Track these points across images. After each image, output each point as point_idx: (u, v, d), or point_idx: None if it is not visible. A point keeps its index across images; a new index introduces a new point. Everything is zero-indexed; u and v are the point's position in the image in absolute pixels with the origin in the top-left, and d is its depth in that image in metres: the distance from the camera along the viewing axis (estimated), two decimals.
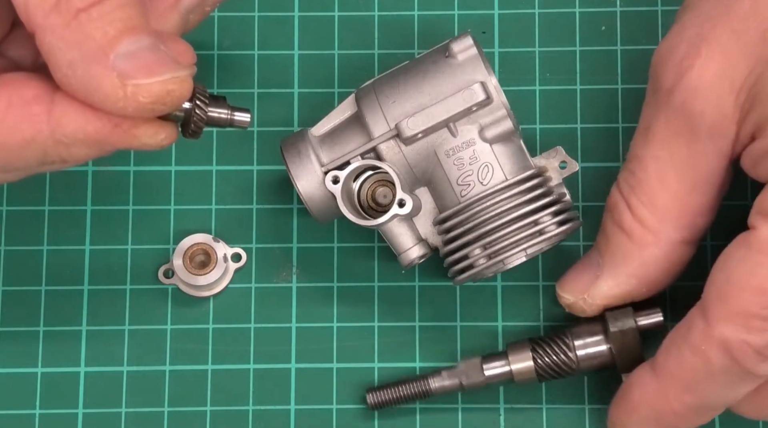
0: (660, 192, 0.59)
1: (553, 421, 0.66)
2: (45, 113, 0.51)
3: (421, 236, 0.63)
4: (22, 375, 0.67)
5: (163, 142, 0.53)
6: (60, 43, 0.50)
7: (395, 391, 0.65)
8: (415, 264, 0.63)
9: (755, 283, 0.55)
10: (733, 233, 0.67)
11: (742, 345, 0.55)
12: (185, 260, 0.66)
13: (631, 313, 0.62)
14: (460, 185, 0.61)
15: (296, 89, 0.69)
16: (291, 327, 0.67)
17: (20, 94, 0.51)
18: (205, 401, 0.66)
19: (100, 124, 0.51)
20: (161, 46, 0.50)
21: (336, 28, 0.70)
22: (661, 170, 0.58)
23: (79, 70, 0.50)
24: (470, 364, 0.64)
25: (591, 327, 0.64)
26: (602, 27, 0.69)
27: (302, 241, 0.68)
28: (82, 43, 0.49)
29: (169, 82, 0.50)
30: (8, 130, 0.51)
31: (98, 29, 0.49)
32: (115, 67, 0.49)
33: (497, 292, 0.67)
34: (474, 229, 0.60)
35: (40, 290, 0.67)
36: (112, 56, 0.49)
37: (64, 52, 0.50)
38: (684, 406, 0.58)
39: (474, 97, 0.60)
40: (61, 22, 0.50)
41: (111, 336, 0.67)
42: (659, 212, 0.59)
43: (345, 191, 0.61)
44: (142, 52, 0.50)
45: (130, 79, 0.49)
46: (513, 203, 0.60)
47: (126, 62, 0.49)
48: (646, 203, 0.59)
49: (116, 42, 0.49)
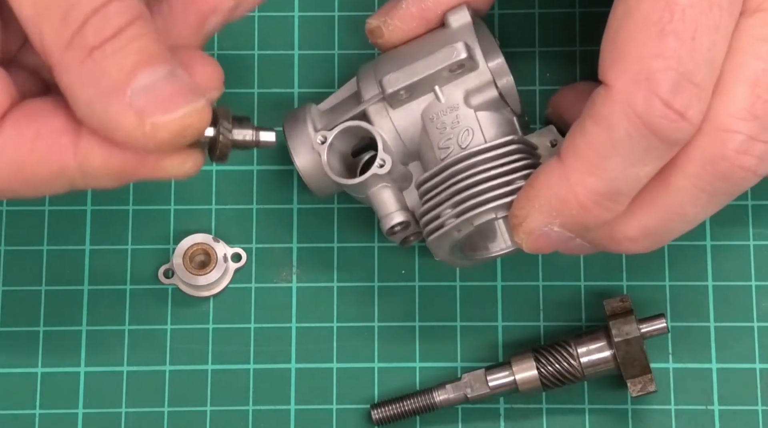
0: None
1: (553, 422, 0.66)
2: (72, 146, 0.51)
3: (407, 207, 0.62)
4: (22, 375, 0.67)
5: (190, 170, 0.52)
6: (77, 81, 0.49)
7: (399, 406, 0.65)
8: (397, 233, 0.62)
9: (654, 31, 0.52)
10: (732, 233, 0.67)
11: (648, 100, 0.52)
12: (185, 260, 0.66)
13: (635, 321, 0.62)
14: (440, 148, 0.60)
15: (296, 89, 0.69)
16: (291, 327, 0.67)
17: (49, 126, 0.51)
18: (205, 401, 0.66)
19: (126, 159, 0.51)
20: (179, 71, 0.50)
21: (336, 28, 0.70)
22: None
23: (98, 108, 0.49)
24: (474, 376, 0.64)
25: (594, 335, 0.64)
26: (602, 27, 0.69)
27: (302, 241, 0.68)
28: (98, 80, 0.49)
29: (186, 116, 0.49)
30: (37, 162, 0.51)
31: (113, 65, 0.49)
32: (133, 104, 0.49)
33: (497, 292, 0.67)
34: (447, 189, 0.59)
35: (40, 290, 0.67)
36: (129, 92, 0.49)
37: (82, 90, 0.49)
38: (587, 190, 0.54)
39: (455, 54, 0.59)
40: (76, 61, 0.49)
41: (111, 336, 0.67)
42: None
43: (338, 159, 0.61)
44: (159, 85, 0.49)
45: (148, 116, 0.49)
46: (488, 165, 0.59)
47: (143, 98, 0.49)
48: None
49: (132, 76, 0.49)
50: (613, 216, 0.55)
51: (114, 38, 0.48)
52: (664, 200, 0.55)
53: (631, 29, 0.53)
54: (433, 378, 0.66)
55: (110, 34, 0.48)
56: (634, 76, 0.52)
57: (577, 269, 0.67)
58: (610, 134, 0.53)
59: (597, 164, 0.54)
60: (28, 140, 0.51)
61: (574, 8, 0.70)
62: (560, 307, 0.67)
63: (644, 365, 0.62)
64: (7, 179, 0.51)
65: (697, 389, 0.66)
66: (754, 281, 0.67)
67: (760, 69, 0.54)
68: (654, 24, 0.52)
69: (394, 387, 0.66)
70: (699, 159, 0.54)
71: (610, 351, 0.63)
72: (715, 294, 0.67)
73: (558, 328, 0.67)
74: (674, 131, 0.52)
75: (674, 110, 0.52)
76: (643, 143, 0.53)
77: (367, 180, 0.60)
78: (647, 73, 0.52)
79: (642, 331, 0.62)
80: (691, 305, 0.67)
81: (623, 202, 0.55)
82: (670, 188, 0.55)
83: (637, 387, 0.63)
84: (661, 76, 0.52)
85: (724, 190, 0.55)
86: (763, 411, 0.66)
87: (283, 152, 0.63)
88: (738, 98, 0.53)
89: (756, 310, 0.67)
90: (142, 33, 0.49)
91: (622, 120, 0.52)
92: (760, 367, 0.66)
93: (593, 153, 0.54)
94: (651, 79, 0.52)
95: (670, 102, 0.52)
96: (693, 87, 0.52)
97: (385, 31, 0.60)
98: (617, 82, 0.53)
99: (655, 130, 0.52)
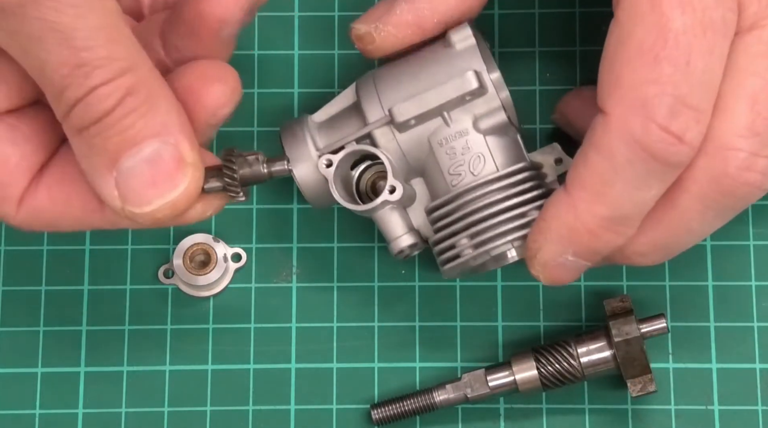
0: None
1: (553, 422, 0.66)
2: (99, 210, 0.53)
3: (413, 227, 0.62)
4: (22, 375, 0.67)
5: (215, 212, 0.54)
6: (76, 151, 0.51)
7: (399, 406, 0.65)
8: (406, 254, 0.62)
9: (648, 58, 0.53)
10: (732, 233, 0.67)
11: (645, 126, 0.53)
12: (185, 260, 0.66)
13: (635, 321, 0.62)
14: (451, 174, 0.61)
15: (296, 89, 0.69)
16: (291, 327, 0.67)
17: (78, 192, 0.53)
18: (205, 401, 0.66)
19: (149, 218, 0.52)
20: (167, 145, 0.50)
21: (336, 28, 0.70)
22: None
23: (92, 181, 0.51)
24: (474, 376, 0.64)
25: (594, 335, 0.64)
26: (602, 27, 0.69)
27: (302, 241, 0.68)
28: (89, 157, 0.50)
29: (157, 211, 0.51)
30: (70, 223, 0.54)
31: (99, 146, 0.50)
32: (118, 187, 0.50)
33: (497, 292, 0.67)
34: (462, 219, 0.60)
35: (40, 290, 0.67)
36: (115, 173, 0.50)
37: (80, 160, 0.51)
38: (595, 218, 0.55)
39: (466, 85, 0.59)
40: (71, 134, 0.50)
41: (111, 336, 0.67)
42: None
43: (340, 176, 0.61)
44: (140, 168, 0.50)
45: (126, 204, 0.50)
46: (502, 195, 0.60)
47: (124, 183, 0.50)
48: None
49: (116, 159, 0.50)
50: (623, 240, 0.56)
51: (97, 123, 0.49)
52: (672, 218, 0.56)
53: (626, 57, 0.53)
54: (433, 378, 0.66)
55: (94, 119, 0.49)
56: (630, 103, 0.53)
57: None
58: (611, 161, 0.54)
59: (601, 192, 0.55)
60: (60, 205, 0.53)
61: (574, 8, 0.70)
62: (560, 307, 0.67)
63: (644, 365, 0.62)
64: (48, 230, 0.55)
65: (697, 389, 0.66)
66: (754, 281, 0.67)
67: (759, 86, 0.54)
68: (648, 51, 0.53)
69: (394, 387, 0.66)
70: (703, 178, 0.55)
71: (610, 351, 0.63)
72: (715, 294, 0.67)
73: (558, 328, 0.67)
74: (673, 155, 0.53)
75: (672, 134, 0.53)
76: (644, 167, 0.53)
77: (375, 205, 0.61)
78: (643, 99, 0.52)
79: (642, 331, 0.63)
80: (691, 305, 0.67)
81: (632, 225, 0.56)
82: (677, 207, 0.56)
83: (637, 387, 0.63)
84: (657, 101, 0.52)
85: (730, 206, 0.56)
86: (763, 411, 0.66)
87: (280, 152, 0.63)
88: (738, 116, 0.54)
89: (756, 310, 0.67)
90: (128, 112, 0.49)
91: (621, 147, 0.53)
92: (760, 367, 0.66)
93: (597, 181, 0.54)
94: (647, 105, 0.52)
95: (668, 126, 0.52)
96: (690, 110, 0.53)
97: (377, 38, 0.59)
98: (615, 110, 0.53)
99: (654, 154, 0.53)
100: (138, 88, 0.49)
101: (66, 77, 0.48)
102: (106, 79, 0.48)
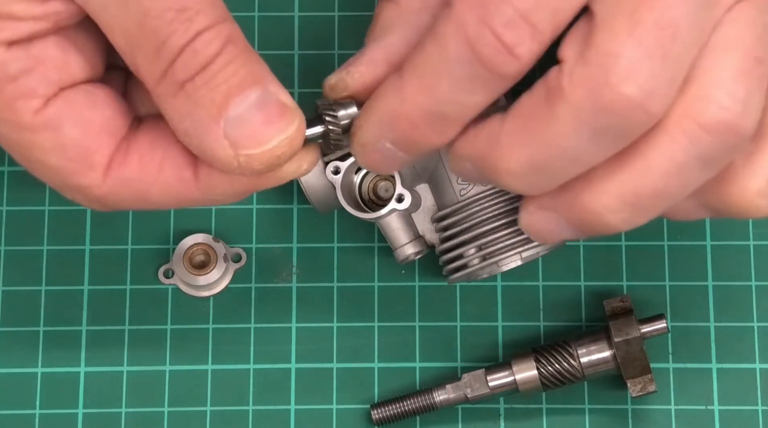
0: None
1: (553, 422, 0.66)
2: (193, 178, 0.51)
3: (418, 233, 0.63)
4: (22, 375, 0.67)
5: (309, 168, 0.53)
6: (173, 113, 0.49)
7: (400, 406, 0.65)
8: (410, 260, 0.63)
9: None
10: (732, 233, 0.67)
11: (479, 28, 0.50)
12: (185, 260, 0.66)
13: (635, 322, 0.62)
14: (459, 184, 0.61)
15: (296, 89, 0.69)
16: (291, 327, 0.67)
17: (170, 159, 0.51)
18: (205, 401, 0.66)
19: (244, 180, 0.51)
20: (271, 91, 0.50)
21: (336, 28, 0.70)
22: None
23: (194, 139, 0.49)
24: (474, 376, 0.64)
25: (594, 335, 0.64)
26: None
27: (302, 241, 0.68)
28: (192, 113, 0.49)
29: (276, 148, 0.50)
30: (162, 193, 0.52)
31: (205, 97, 0.49)
32: (227, 136, 0.49)
33: (497, 292, 0.67)
34: (470, 229, 0.60)
35: (40, 290, 0.67)
36: (222, 124, 0.49)
37: (179, 122, 0.50)
38: (417, 108, 0.53)
39: None
40: (169, 94, 0.49)
41: (111, 336, 0.67)
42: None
43: (345, 182, 0.61)
44: (250, 114, 0.49)
45: (241, 149, 0.49)
46: (511, 206, 0.60)
47: (235, 129, 0.49)
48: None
49: (224, 108, 0.49)
50: (441, 140, 0.53)
51: (204, 71, 0.49)
52: (546, 130, 0.52)
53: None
54: (433, 378, 0.66)
55: (200, 67, 0.49)
56: (473, 1, 0.51)
57: (577, 269, 0.67)
58: (442, 54, 0.51)
59: (428, 84, 0.52)
60: (152, 173, 0.51)
61: None
62: (560, 307, 0.67)
63: (644, 365, 0.62)
64: (133, 204, 0.52)
65: (697, 389, 0.66)
66: (754, 281, 0.67)
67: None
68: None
69: (394, 387, 0.66)
70: (581, 88, 0.51)
71: (610, 351, 0.63)
72: (715, 294, 0.67)
73: (558, 328, 0.67)
74: (500, 64, 0.51)
75: (503, 43, 0.50)
76: (470, 69, 0.51)
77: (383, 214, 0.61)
78: (485, 1, 0.50)
79: (642, 331, 0.63)
80: (691, 305, 0.67)
81: (452, 127, 0.53)
82: (552, 118, 0.52)
83: (637, 387, 0.63)
84: (497, 7, 0.50)
85: (607, 126, 0.51)
86: (763, 411, 0.66)
87: None
88: (618, 26, 0.50)
89: (756, 310, 0.67)
90: (231, 59, 0.49)
91: (453, 42, 0.51)
92: (760, 367, 0.66)
93: (427, 71, 0.52)
94: (487, 7, 0.50)
95: (500, 34, 0.50)
96: (527, 26, 0.50)
97: (350, 82, 0.56)
98: (458, 4, 0.51)
99: (480, 58, 0.51)
100: (235, 37, 0.49)
101: (171, 23, 0.48)
102: (209, 24, 0.48)
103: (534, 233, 0.56)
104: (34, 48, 0.50)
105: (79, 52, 0.51)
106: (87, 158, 0.51)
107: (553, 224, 0.55)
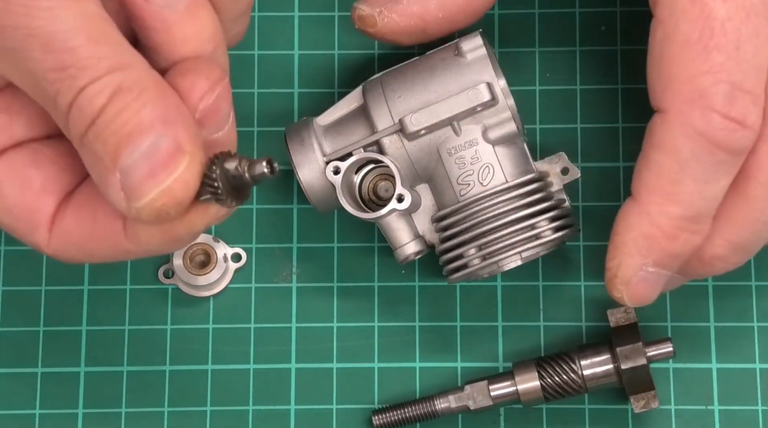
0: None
1: (553, 422, 0.66)
2: (122, 228, 0.51)
3: (418, 233, 0.63)
4: (22, 375, 0.67)
5: (218, 217, 0.50)
6: (85, 163, 0.49)
7: (401, 413, 0.65)
8: (410, 260, 0.63)
9: (698, 50, 0.53)
10: None
11: (706, 116, 0.53)
12: (185, 260, 0.66)
13: (641, 346, 0.62)
14: (460, 184, 0.61)
15: (296, 89, 0.69)
16: (291, 327, 0.67)
17: (102, 211, 0.51)
18: (205, 401, 0.66)
19: (163, 228, 0.50)
20: (165, 136, 0.47)
21: (336, 28, 0.70)
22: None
23: (101, 188, 0.49)
24: (477, 388, 0.64)
25: (597, 348, 0.63)
26: (602, 27, 0.69)
27: (302, 241, 0.68)
28: (94, 164, 0.48)
29: (154, 200, 0.48)
30: (98, 244, 0.52)
31: (99, 149, 0.48)
32: (123, 187, 0.48)
33: (497, 292, 0.67)
34: (471, 229, 0.61)
35: (40, 290, 0.67)
36: (118, 174, 0.48)
37: (90, 172, 0.49)
38: (670, 220, 0.55)
39: (479, 98, 0.60)
40: (76, 145, 0.49)
41: (111, 336, 0.67)
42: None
43: (345, 182, 0.61)
44: (138, 164, 0.48)
45: (130, 201, 0.48)
46: (511, 206, 0.60)
47: (125, 180, 0.48)
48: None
49: (116, 159, 0.48)
50: (701, 239, 0.56)
51: (93, 125, 0.47)
52: (745, 211, 0.56)
53: (675, 52, 0.54)
54: (433, 379, 0.66)
55: (89, 120, 0.47)
56: (687, 97, 0.53)
57: (578, 270, 0.67)
58: (676, 158, 0.54)
59: (672, 192, 0.55)
60: (87, 226, 0.51)
61: (574, 8, 0.70)
62: (560, 307, 0.67)
63: (648, 383, 0.62)
64: (82, 258, 0.52)
65: (697, 389, 0.66)
66: (754, 281, 0.67)
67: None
68: (696, 43, 0.53)
69: (394, 387, 0.66)
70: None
71: (614, 365, 0.63)
72: (715, 294, 0.67)
73: (558, 328, 0.67)
74: (738, 140, 0.53)
75: (733, 120, 0.53)
76: (710, 159, 0.54)
77: (383, 214, 0.61)
78: (700, 90, 0.53)
79: (648, 355, 0.62)
80: (691, 305, 0.67)
81: (707, 222, 0.56)
82: (748, 198, 0.55)
83: (640, 403, 0.63)
84: (714, 90, 0.53)
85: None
86: (763, 411, 0.66)
87: (283, 152, 0.63)
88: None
89: (756, 310, 0.67)
90: (121, 109, 0.47)
91: (685, 142, 0.53)
92: (760, 367, 0.66)
93: (665, 182, 0.54)
94: (704, 95, 0.53)
95: (728, 113, 0.53)
96: (746, 95, 0.53)
97: (379, 22, 0.60)
98: (672, 106, 0.53)
99: (719, 143, 0.53)
100: (129, 85, 0.48)
101: (55, 83, 0.47)
102: (93, 78, 0.47)
103: (640, 296, 0.58)
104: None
105: (21, 111, 0.51)
106: (29, 217, 0.51)
107: (662, 282, 0.58)
